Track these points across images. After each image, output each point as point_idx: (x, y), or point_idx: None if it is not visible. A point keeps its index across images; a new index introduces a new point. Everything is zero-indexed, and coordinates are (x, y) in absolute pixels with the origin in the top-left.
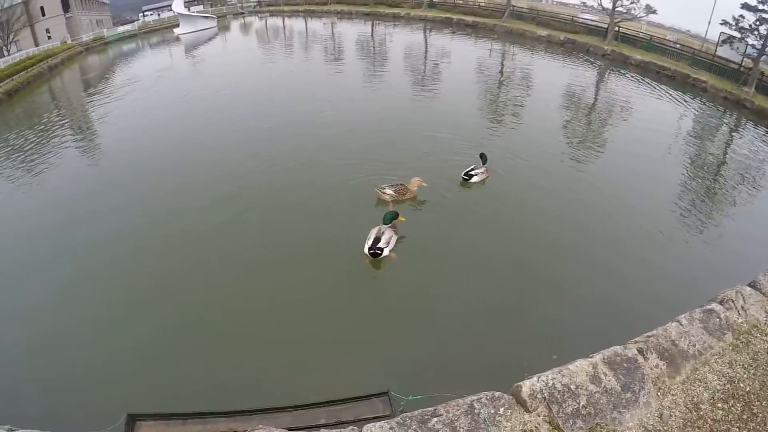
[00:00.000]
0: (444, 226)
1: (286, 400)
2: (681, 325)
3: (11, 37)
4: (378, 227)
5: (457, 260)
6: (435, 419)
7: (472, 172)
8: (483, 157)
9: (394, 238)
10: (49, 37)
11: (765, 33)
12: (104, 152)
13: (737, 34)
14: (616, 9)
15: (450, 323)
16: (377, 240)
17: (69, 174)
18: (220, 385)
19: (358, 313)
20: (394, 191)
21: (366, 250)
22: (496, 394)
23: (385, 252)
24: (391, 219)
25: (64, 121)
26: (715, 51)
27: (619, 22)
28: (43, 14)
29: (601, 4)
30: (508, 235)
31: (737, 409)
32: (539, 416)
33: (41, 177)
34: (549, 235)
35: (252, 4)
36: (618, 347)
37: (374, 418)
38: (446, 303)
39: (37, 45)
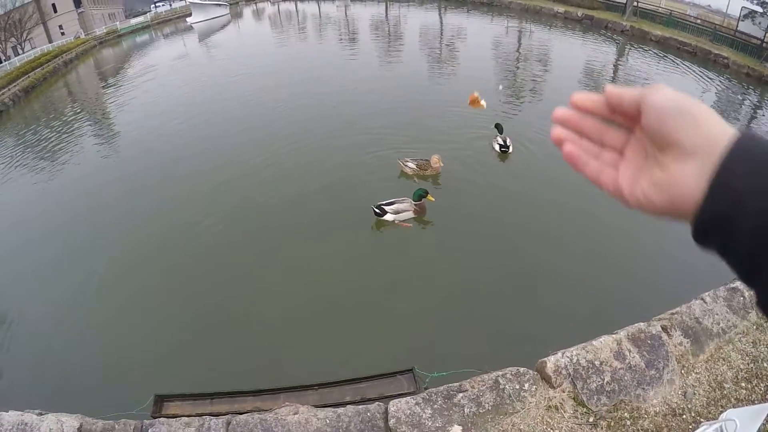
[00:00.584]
0: (469, 199)
1: (312, 378)
2: (705, 302)
3: (25, 35)
4: (404, 199)
5: (481, 234)
6: (460, 395)
7: (508, 143)
8: (499, 127)
9: (409, 213)
10: (63, 34)
11: None
12: (122, 143)
13: (759, 9)
14: None
15: (474, 298)
16: (390, 204)
17: (90, 166)
18: (246, 366)
19: (381, 290)
20: (416, 165)
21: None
22: (521, 369)
23: (389, 217)
24: (419, 197)
25: (81, 115)
26: (737, 26)
27: None
28: (55, 11)
29: None
30: (533, 207)
31: (761, 389)
32: (564, 392)
33: (62, 170)
34: (574, 208)
35: None
36: (642, 324)
37: (399, 395)
38: (470, 278)
39: (50, 42)
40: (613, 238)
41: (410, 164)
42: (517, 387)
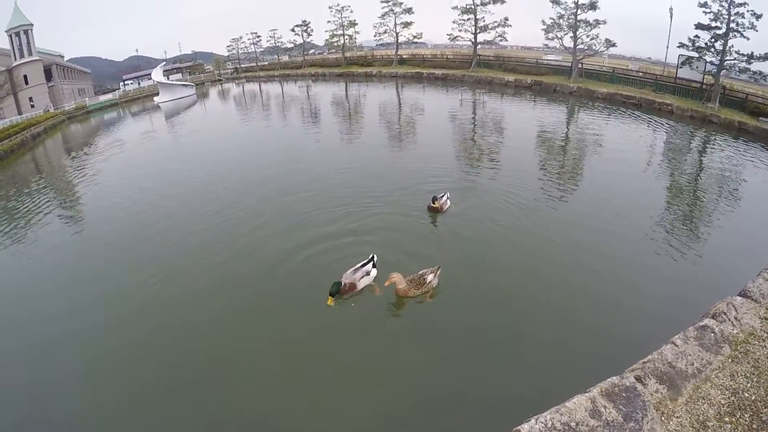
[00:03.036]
0: (428, 264)
1: None
2: (676, 345)
3: None
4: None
5: (445, 300)
6: None
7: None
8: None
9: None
10: (32, 106)
11: (721, 48)
12: (87, 218)
13: (695, 54)
14: (578, 47)
15: (444, 366)
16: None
17: (54, 240)
18: None
19: (346, 376)
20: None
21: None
22: None
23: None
24: (333, 292)
25: (46, 190)
26: (676, 73)
27: (582, 59)
28: (27, 83)
29: (563, 44)
30: (491, 271)
31: (746, 420)
32: None
33: (25, 244)
34: (532, 269)
35: (229, 71)
36: (615, 378)
37: None
38: (436, 343)
39: (20, 113)
40: (574, 295)
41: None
42: None
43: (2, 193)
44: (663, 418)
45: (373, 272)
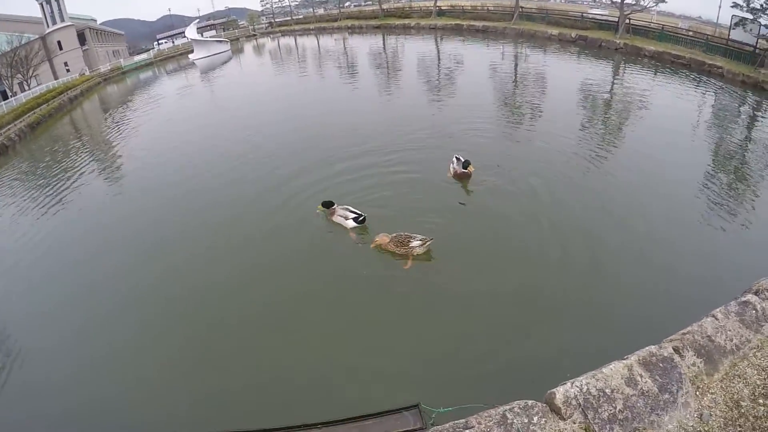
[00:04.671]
0: (473, 226)
1: (314, 416)
2: (716, 319)
3: (31, 71)
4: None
5: (484, 261)
6: (467, 431)
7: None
8: (326, 204)
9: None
10: (68, 70)
11: None
12: (126, 179)
13: (749, 16)
14: (626, 1)
15: (477, 329)
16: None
17: (93, 202)
18: (247, 404)
19: (384, 324)
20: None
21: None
22: (529, 402)
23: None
24: (325, 205)
25: (85, 150)
26: (729, 35)
27: (630, 14)
28: (61, 48)
29: None
30: (535, 233)
31: None
32: (574, 423)
33: (65, 207)
34: (570, 230)
35: (263, 25)
36: (653, 347)
37: None
38: (473, 309)
39: (56, 78)
40: (616, 261)
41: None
42: (526, 421)
43: (44, 154)
44: (698, 393)
45: (349, 223)
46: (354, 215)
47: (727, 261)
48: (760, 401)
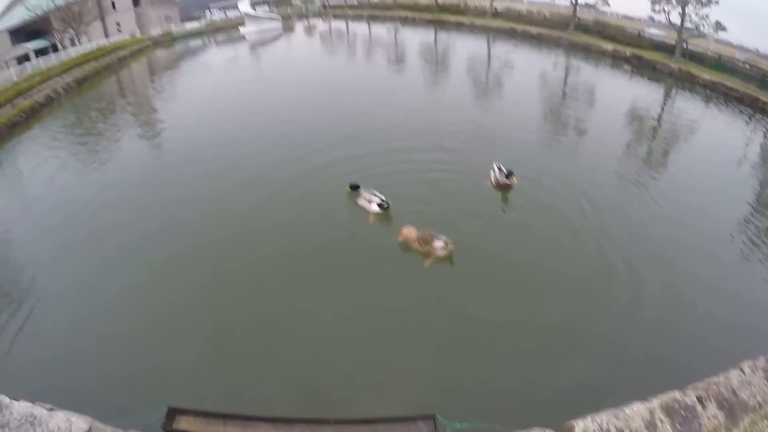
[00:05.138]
0: (500, 243)
1: (328, 412)
2: (743, 373)
3: (83, 28)
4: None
5: (515, 281)
6: None
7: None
8: (353, 186)
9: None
10: (120, 31)
11: None
12: (168, 145)
13: None
14: (685, 25)
15: (502, 350)
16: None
17: (132, 161)
18: (263, 391)
19: (409, 330)
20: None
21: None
22: (548, 431)
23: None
24: (353, 187)
25: (130, 111)
26: None
27: (688, 38)
28: (114, 8)
29: (669, 19)
30: (567, 255)
31: None
32: None
33: (106, 167)
34: (606, 260)
35: (316, 6)
36: (677, 393)
37: None
38: (500, 329)
39: (107, 37)
40: (651, 294)
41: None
42: None
43: (90, 111)
44: None
45: (374, 207)
46: (379, 201)
47: (762, 308)
48: None
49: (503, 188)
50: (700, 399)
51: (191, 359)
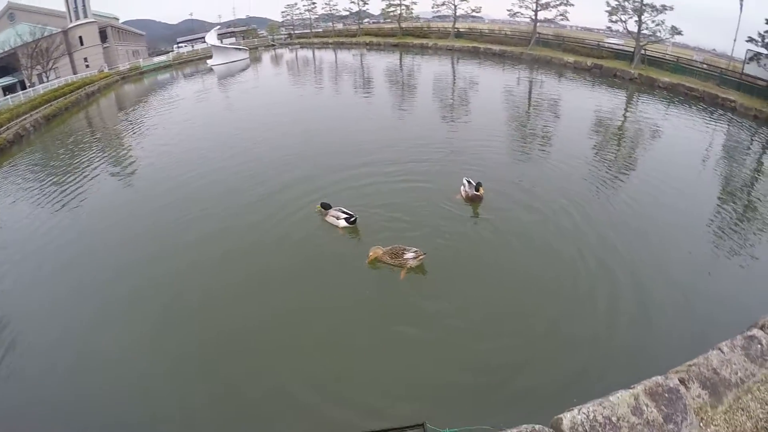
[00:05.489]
0: (479, 249)
1: (317, 428)
2: (722, 352)
3: (50, 64)
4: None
5: (494, 285)
6: None
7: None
8: (324, 205)
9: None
10: (87, 66)
11: None
12: (137, 178)
13: (764, 50)
14: (642, 32)
15: (484, 352)
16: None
17: (103, 198)
18: (244, 413)
19: (393, 340)
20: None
21: None
22: (537, 427)
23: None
24: (324, 206)
25: (98, 146)
26: (743, 69)
27: (645, 45)
28: (82, 44)
29: (626, 28)
30: (542, 258)
31: None
32: None
33: (75, 201)
34: (583, 259)
35: (283, 36)
36: (659, 377)
37: None
38: (480, 331)
39: (75, 73)
40: (622, 291)
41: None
42: None
43: (58, 147)
44: (702, 424)
45: (341, 222)
46: (345, 216)
47: (733, 296)
48: None
49: (473, 200)
50: (682, 381)
51: (172, 383)
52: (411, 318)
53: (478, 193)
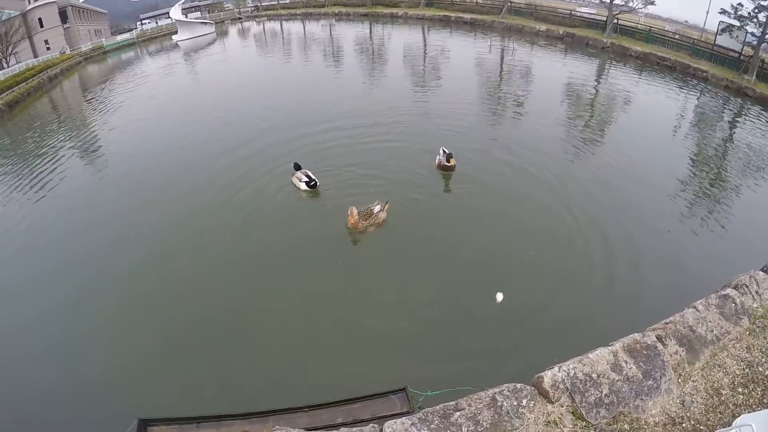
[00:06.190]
0: (452, 220)
1: (301, 400)
2: (698, 311)
3: (10, 49)
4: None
5: (469, 254)
6: (457, 413)
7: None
8: (296, 165)
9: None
10: (48, 48)
11: (764, 20)
12: (105, 161)
13: (736, 23)
14: (614, 1)
15: (465, 316)
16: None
17: (73, 182)
18: (233, 388)
19: (370, 308)
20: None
21: None
22: (518, 385)
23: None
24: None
25: (64, 131)
26: (715, 40)
27: (618, 14)
28: (42, 26)
29: None
30: (516, 230)
31: (757, 393)
32: (562, 407)
33: (45, 187)
34: (557, 229)
35: (249, 9)
36: (637, 335)
37: (393, 415)
38: (460, 296)
39: (36, 56)
40: (600, 256)
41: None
42: (515, 403)
43: (22, 133)
44: (680, 380)
45: (302, 185)
46: (306, 180)
47: (706, 258)
48: (739, 390)
49: (444, 170)
50: (660, 338)
51: (155, 368)
52: (389, 284)
53: (448, 164)
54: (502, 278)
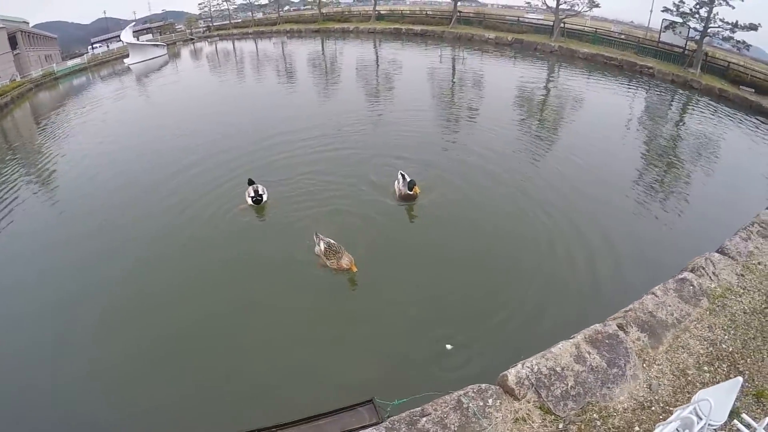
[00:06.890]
0: (409, 230)
1: (266, 420)
2: (656, 296)
3: None
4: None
5: (424, 262)
6: (424, 419)
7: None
8: (250, 181)
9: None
10: None
11: (705, 15)
12: (60, 190)
13: (679, 19)
14: (560, 6)
15: (425, 322)
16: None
17: (32, 212)
18: (193, 409)
19: (331, 324)
20: (325, 248)
21: None
22: (483, 386)
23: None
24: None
25: (17, 162)
26: (659, 37)
27: (564, 18)
28: None
29: (545, 3)
30: (470, 232)
31: (723, 370)
32: (529, 403)
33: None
34: (511, 228)
35: (201, 29)
36: (598, 325)
37: (361, 427)
38: (416, 304)
39: None
40: (556, 251)
41: (322, 245)
42: (481, 404)
43: None
44: (645, 365)
45: (248, 200)
46: (252, 195)
47: (662, 245)
48: (705, 368)
49: (406, 200)
50: (621, 326)
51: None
52: (346, 299)
53: (411, 193)
54: (462, 277)
